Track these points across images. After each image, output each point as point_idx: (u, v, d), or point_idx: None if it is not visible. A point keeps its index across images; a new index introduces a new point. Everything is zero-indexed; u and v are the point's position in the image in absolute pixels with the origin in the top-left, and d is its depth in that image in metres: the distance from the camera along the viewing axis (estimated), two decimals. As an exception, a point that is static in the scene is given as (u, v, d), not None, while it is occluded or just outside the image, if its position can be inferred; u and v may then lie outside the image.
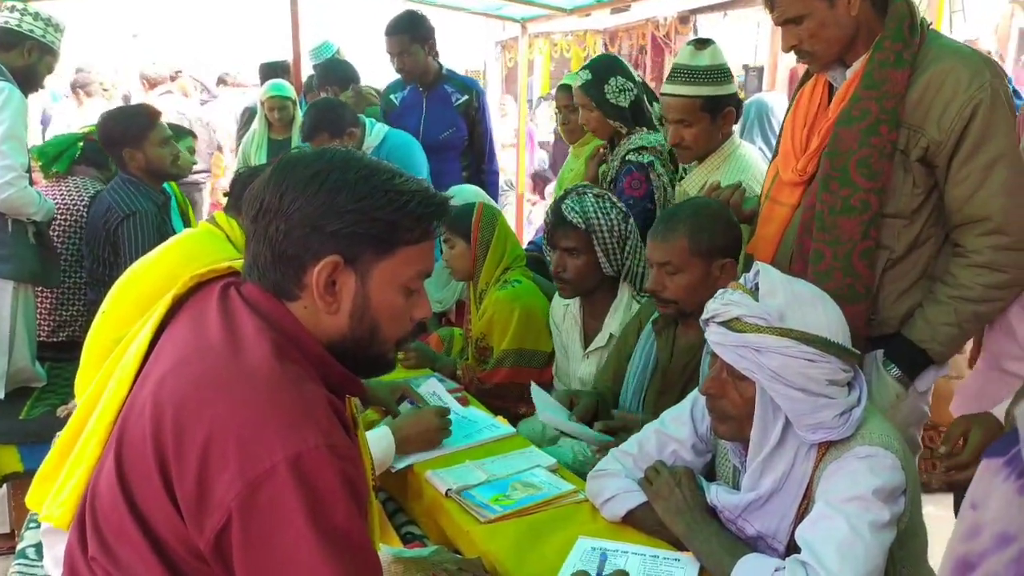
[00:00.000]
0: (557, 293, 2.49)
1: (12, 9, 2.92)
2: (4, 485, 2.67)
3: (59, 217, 3.27)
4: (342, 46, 5.22)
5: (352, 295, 1.08)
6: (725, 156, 2.52)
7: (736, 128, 2.59)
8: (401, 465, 1.91)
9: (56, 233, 3.27)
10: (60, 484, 1.15)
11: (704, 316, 1.42)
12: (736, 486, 1.55)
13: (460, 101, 3.66)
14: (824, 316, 1.38)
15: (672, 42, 12.73)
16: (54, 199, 3.29)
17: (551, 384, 2.64)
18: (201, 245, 2.39)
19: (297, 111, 4.59)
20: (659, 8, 12.27)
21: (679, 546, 1.51)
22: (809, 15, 1.66)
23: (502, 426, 2.17)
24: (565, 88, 3.16)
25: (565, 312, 2.51)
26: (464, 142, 3.72)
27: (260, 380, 0.99)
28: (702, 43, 2.39)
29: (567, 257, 2.30)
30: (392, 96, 3.88)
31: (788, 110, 1.98)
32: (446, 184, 3.26)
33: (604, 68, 2.75)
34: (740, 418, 1.42)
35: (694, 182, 2.57)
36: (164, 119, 3.16)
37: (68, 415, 2.58)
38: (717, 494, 1.49)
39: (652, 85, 3.33)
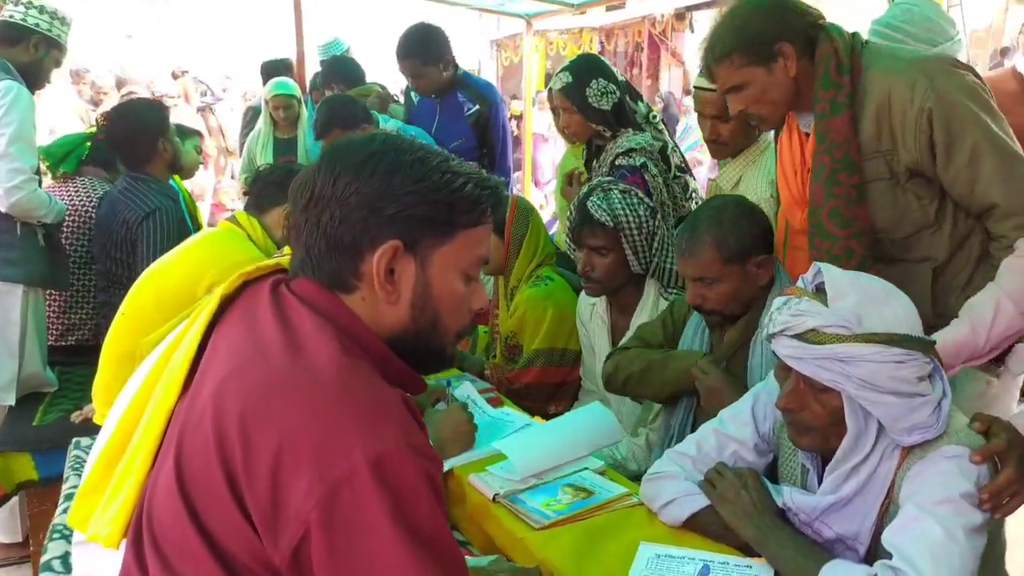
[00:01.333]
0: (583, 291, 2.43)
1: (16, 2, 2.83)
2: (18, 493, 2.57)
3: (67, 218, 3.18)
4: (352, 45, 5.14)
5: (413, 283, 1.01)
6: (760, 150, 2.46)
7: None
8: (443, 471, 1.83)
9: (64, 235, 3.18)
10: (107, 500, 1.06)
11: (771, 330, 1.34)
12: (804, 487, 1.49)
13: (471, 111, 3.52)
14: (900, 309, 1.32)
15: (668, 39, 12.68)
16: (62, 200, 3.20)
17: (578, 383, 2.58)
18: (223, 244, 2.32)
19: (302, 109, 4.51)
20: (655, 5, 12.24)
21: (747, 551, 1.44)
22: (749, 83, 1.71)
23: (539, 425, 2.09)
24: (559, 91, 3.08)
25: (592, 311, 2.45)
26: (475, 152, 3.58)
27: (329, 379, 0.91)
28: None
29: (595, 256, 2.24)
30: (412, 93, 3.78)
31: (774, 162, 2.03)
32: None
33: (585, 70, 2.64)
34: (823, 429, 1.35)
35: (728, 178, 2.52)
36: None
37: (83, 420, 2.55)
38: (792, 496, 1.42)
39: (648, 84, 3.24)
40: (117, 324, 2.23)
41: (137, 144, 2.86)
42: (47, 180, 3.25)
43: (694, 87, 2.41)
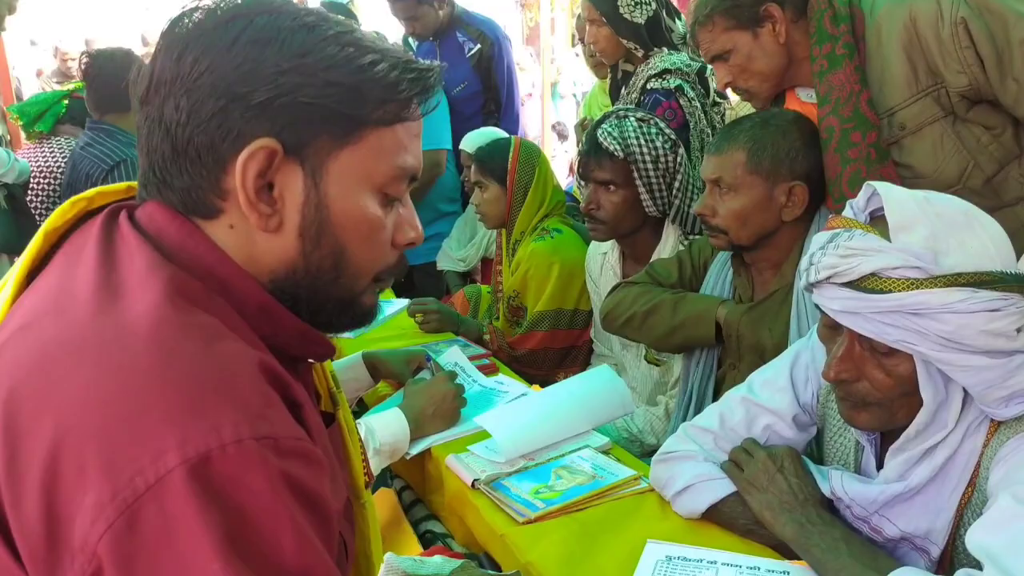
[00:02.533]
0: (592, 239, 2.11)
1: None
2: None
3: (40, 180, 2.98)
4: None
5: (301, 202, 0.70)
6: None
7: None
8: (417, 449, 1.54)
9: (39, 198, 2.97)
10: None
11: (813, 277, 1.01)
12: (859, 471, 1.16)
13: (472, 51, 3.16)
14: (988, 238, 0.98)
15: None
16: (35, 161, 2.99)
17: (590, 346, 2.27)
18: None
19: None
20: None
21: (783, 552, 1.13)
22: (734, 50, 1.55)
23: (533, 395, 1.79)
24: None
25: (603, 262, 2.13)
26: (479, 97, 3.22)
27: (139, 340, 0.61)
28: None
29: (602, 192, 1.92)
30: (409, 40, 3.45)
31: None
32: None
33: None
34: (889, 403, 1.02)
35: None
36: None
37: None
38: (844, 483, 1.09)
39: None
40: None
41: (114, 86, 2.60)
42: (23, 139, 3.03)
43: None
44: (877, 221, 1.02)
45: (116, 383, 0.59)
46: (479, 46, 3.11)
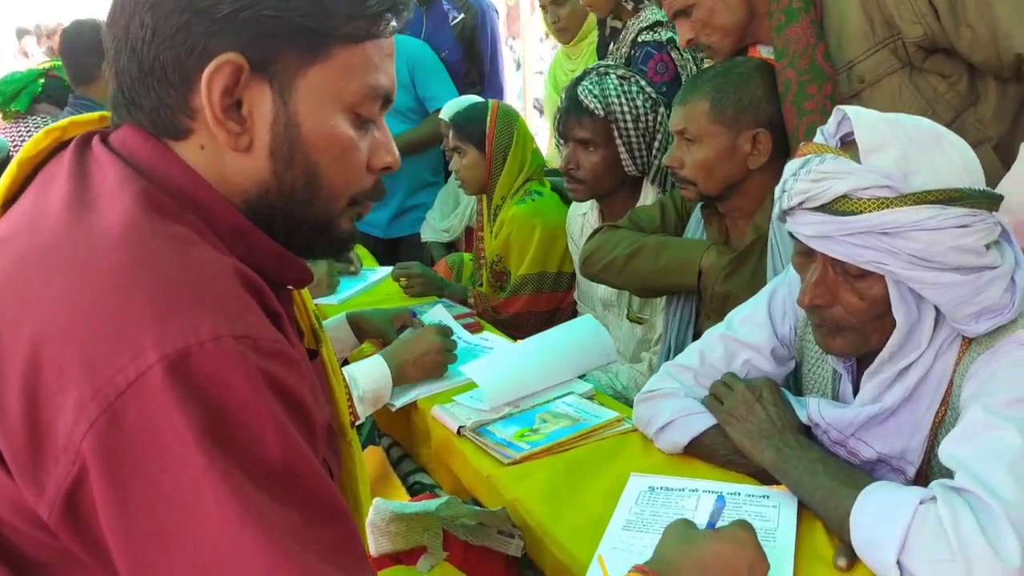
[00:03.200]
0: (571, 200, 2.12)
1: None
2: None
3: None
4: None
5: (271, 120, 0.69)
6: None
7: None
8: (402, 402, 1.55)
9: (16, 178, 2.93)
10: None
11: (786, 204, 1.02)
12: (836, 398, 1.18)
13: (456, 20, 3.15)
14: (956, 155, 0.99)
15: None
16: (12, 141, 2.95)
17: (573, 308, 2.28)
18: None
19: None
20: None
21: (763, 479, 1.15)
22: (696, 4, 1.54)
23: (516, 345, 1.80)
24: None
25: (583, 223, 2.14)
26: (460, 65, 3.20)
27: (113, 244, 0.61)
28: None
29: (580, 151, 1.92)
30: None
31: None
32: None
33: None
34: (862, 327, 1.04)
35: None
36: None
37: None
38: (820, 408, 1.11)
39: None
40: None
41: (82, 57, 2.58)
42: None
43: None
44: (848, 146, 1.03)
45: (91, 286, 0.59)
46: (463, 15, 3.09)
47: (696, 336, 1.72)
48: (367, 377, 1.48)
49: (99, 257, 0.61)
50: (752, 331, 1.27)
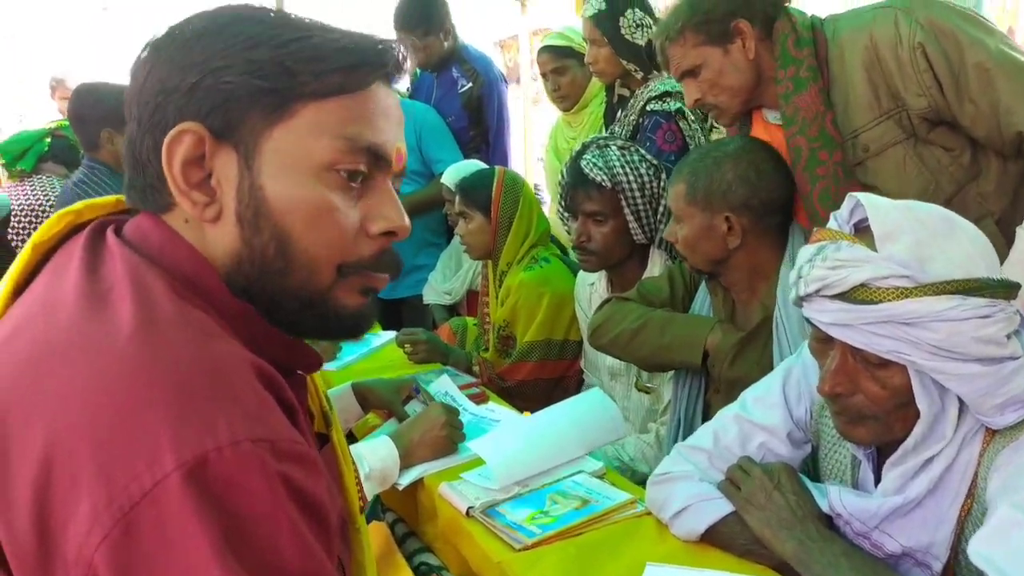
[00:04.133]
0: (580, 270, 2.12)
1: None
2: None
3: (22, 219, 2.94)
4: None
5: (235, 185, 0.68)
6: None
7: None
8: (408, 480, 1.52)
9: (20, 237, 2.93)
10: None
11: (803, 290, 1.02)
12: (856, 485, 1.16)
13: (464, 89, 3.17)
14: (970, 244, 0.99)
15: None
16: (18, 199, 2.96)
17: (580, 376, 2.26)
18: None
19: None
20: None
21: (786, 572, 1.11)
22: (704, 65, 1.57)
23: (524, 419, 1.77)
24: (547, 50, 2.73)
25: (591, 292, 2.14)
26: (468, 135, 3.22)
27: (128, 340, 0.59)
28: None
29: (590, 224, 1.93)
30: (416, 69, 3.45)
31: None
32: None
33: None
34: (885, 416, 1.02)
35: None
36: None
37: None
38: (842, 498, 1.09)
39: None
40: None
41: (83, 123, 2.59)
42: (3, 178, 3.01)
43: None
44: (862, 232, 1.03)
45: (106, 385, 0.58)
46: (471, 85, 3.14)
47: (706, 409, 1.71)
48: (374, 455, 1.46)
49: (115, 355, 0.59)
50: (767, 413, 1.25)
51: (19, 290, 0.73)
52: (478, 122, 3.22)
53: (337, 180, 0.69)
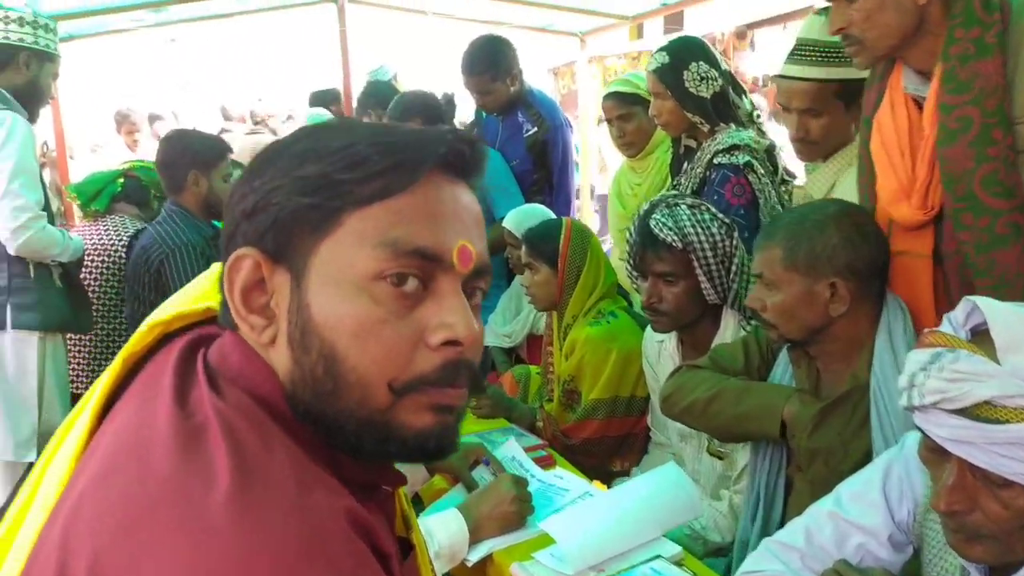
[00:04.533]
0: (649, 327, 2.06)
1: None
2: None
3: (96, 258, 3.02)
4: (399, 70, 4.94)
5: (287, 305, 0.66)
6: (856, 153, 2.06)
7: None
8: (478, 556, 1.48)
9: (93, 276, 3.01)
10: None
11: (917, 400, 0.95)
12: (965, 600, 1.07)
13: (529, 133, 3.17)
14: None
15: (731, 58, 12.21)
16: (91, 239, 3.04)
17: (647, 434, 2.19)
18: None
19: None
20: (715, 24, 11.82)
21: None
22: None
23: (598, 497, 1.71)
24: (612, 97, 2.68)
25: (660, 349, 2.07)
26: (532, 178, 3.20)
27: (227, 507, 0.56)
28: None
29: (662, 284, 1.88)
30: (480, 110, 3.47)
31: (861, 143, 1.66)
32: None
33: (684, 51, 2.28)
34: (1006, 536, 0.94)
35: (819, 184, 2.11)
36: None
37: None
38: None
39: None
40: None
41: (170, 168, 2.66)
42: (77, 218, 3.09)
43: (778, 76, 2.02)
44: (980, 337, 0.95)
45: (204, 555, 0.55)
46: (536, 130, 3.12)
47: (788, 486, 1.63)
48: (444, 531, 1.42)
49: (212, 519, 0.56)
50: (865, 512, 1.17)
51: (111, 401, 0.72)
52: (542, 165, 3.20)
53: (385, 290, 0.64)
